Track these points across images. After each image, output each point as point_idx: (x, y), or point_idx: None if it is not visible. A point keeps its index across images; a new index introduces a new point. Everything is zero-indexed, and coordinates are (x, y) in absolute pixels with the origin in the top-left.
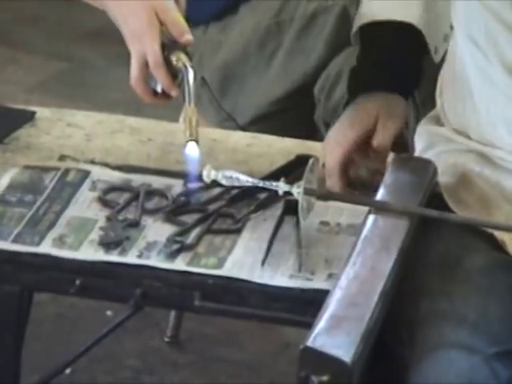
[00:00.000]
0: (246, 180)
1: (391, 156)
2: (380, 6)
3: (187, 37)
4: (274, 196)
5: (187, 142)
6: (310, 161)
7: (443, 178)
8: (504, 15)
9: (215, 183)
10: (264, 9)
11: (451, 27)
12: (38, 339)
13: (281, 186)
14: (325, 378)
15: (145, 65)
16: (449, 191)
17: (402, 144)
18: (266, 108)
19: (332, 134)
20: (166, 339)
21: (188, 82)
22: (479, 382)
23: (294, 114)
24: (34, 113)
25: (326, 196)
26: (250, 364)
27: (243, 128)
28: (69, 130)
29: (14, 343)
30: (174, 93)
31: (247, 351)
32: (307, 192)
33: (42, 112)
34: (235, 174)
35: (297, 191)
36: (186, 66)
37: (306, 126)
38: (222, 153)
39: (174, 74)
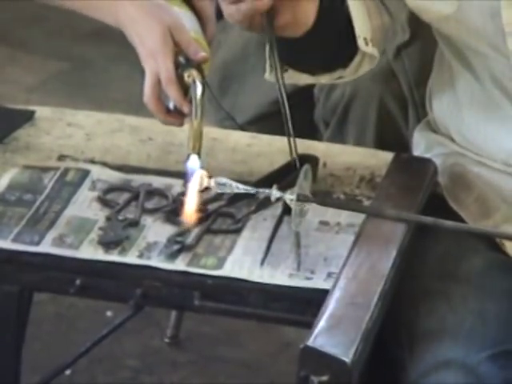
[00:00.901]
0: (238, 187)
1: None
2: None
3: (201, 54)
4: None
5: (189, 154)
6: (304, 167)
7: (443, 178)
8: (492, 39)
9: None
10: None
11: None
12: (37, 339)
13: (274, 193)
14: (325, 377)
15: (158, 82)
16: (448, 191)
17: (401, 144)
18: (266, 108)
19: None
20: (166, 339)
21: (195, 96)
22: (475, 383)
23: (294, 114)
24: (33, 112)
25: (320, 203)
26: (250, 364)
27: (242, 127)
28: (69, 130)
29: (14, 343)
30: (185, 109)
31: (247, 351)
32: (300, 199)
33: (41, 112)
34: (228, 181)
35: (290, 198)
36: (194, 81)
37: (305, 125)
38: (221, 152)
39: (187, 91)
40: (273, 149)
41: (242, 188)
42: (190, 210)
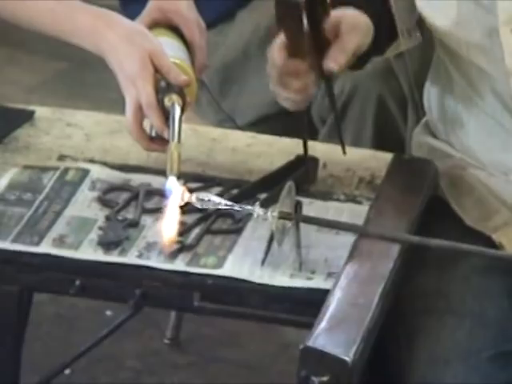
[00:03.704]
0: (220, 203)
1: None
2: None
3: (183, 78)
4: (274, 196)
5: (168, 176)
6: (287, 184)
7: (443, 181)
8: (491, 56)
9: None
10: (263, 10)
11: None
12: (37, 339)
13: (256, 210)
14: (325, 378)
15: (139, 108)
16: (449, 193)
17: (399, 143)
18: (266, 109)
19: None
20: (166, 340)
21: (173, 118)
22: (475, 383)
23: (294, 116)
24: (33, 112)
25: (303, 220)
26: (250, 364)
27: (242, 129)
28: (68, 130)
29: (14, 343)
30: (165, 134)
31: (247, 352)
32: (282, 216)
33: (41, 112)
34: (209, 196)
35: (272, 215)
36: (173, 104)
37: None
38: (221, 152)
39: (167, 116)
40: (273, 149)
41: (224, 204)
42: (169, 233)
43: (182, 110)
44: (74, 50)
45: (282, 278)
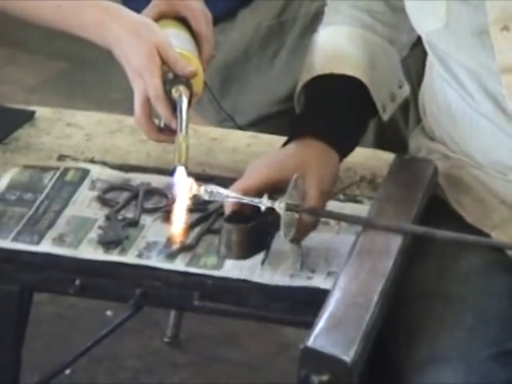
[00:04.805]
0: (228, 195)
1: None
2: (324, 62)
3: (189, 69)
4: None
5: (176, 167)
6: (294, 176)
7: (442, 180)
8: (481, 57)
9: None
10: (265, 10)
11: (399, 86)
12: (37, 339)
13: (263, 202)
14: (325, 377)
15: (147, 100)
16: (448, 192)
17: (401, 144)
18: (267, 109)
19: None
20: (166, 340)
21: (181, 109)
22: (475, 382)
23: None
24: (33, 112)
25: (309, 212)
26: (250, 364)
27: (243, 129)
28: (68, 130)
29: (14, 343)
30: (173, 125)
31: (247, 351)
32: (290, 208)
33: (41, 112)
34: (218, 189)
35: (280, 207)
36: (180, 95)
37: None
38: (221, 152)
39: (175, 107)
40: (273, 149)
41: (232, 196)
42: (178, 225)
43: (190, 101)
44: (75, 49)
45: (282, 278)
